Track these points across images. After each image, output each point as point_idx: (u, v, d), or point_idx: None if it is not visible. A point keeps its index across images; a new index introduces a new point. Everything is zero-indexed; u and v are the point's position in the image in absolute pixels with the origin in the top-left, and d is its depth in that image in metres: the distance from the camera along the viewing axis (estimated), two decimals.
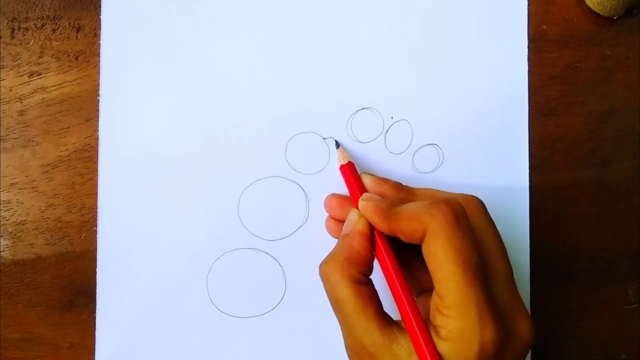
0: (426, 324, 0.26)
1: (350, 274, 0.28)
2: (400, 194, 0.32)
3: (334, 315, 0.28)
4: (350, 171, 0.33)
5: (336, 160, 0.35)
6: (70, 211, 0.35)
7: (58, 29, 0.36)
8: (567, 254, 0.37)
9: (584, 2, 0.37)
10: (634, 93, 0.37)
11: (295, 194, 0.36)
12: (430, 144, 0.36)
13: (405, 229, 0.27)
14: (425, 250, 0.26)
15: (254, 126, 0.36)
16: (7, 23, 0.36)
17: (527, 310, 0.28)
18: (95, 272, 0.35)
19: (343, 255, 0.29)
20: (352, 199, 0.32)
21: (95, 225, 0.35)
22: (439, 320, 0.26)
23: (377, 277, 0.29)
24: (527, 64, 0.37)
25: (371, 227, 0.30)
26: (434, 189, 0.32)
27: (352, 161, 0.34)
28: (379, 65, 0.36)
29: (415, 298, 0.31)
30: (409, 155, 0.36)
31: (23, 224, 0.35)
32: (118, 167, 0.35)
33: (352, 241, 0.29)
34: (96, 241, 0.35)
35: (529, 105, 0.36)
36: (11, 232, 0.35)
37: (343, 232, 0.31)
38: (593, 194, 0.37)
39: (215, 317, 0.35)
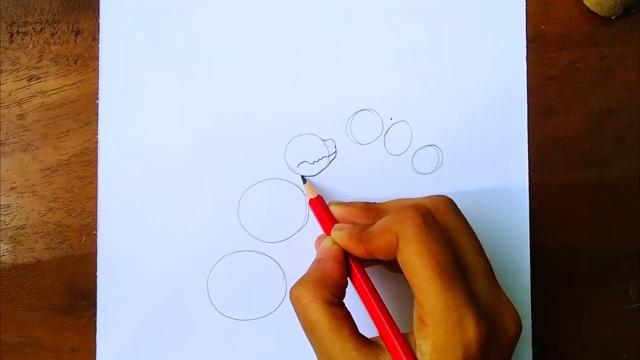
0: (406, 338, 0.26)
1: (323, 296, 0.27)
2: (370, 213, 0.31)
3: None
4: (319, 204, 0.33)
5: (335, 162, 0.35)
6: (70, 215, 0.35)
7: (57, 32, 0.36)
8: (567, 254, 0.37)
9: (582, 2, 0.37)
10: (633, 93, 0.37)
11: (295, 196, 0.36)
12: (430, 145, 0.36)
13: (380, 244, 0.27)
14: (400, 259, 0.26)
15: (253, 129, 0.36)
16: (6, 27, 0.36)
17: (510, 303, 0.28)
18: (96, 275, 0.35)
19: (315, 277, 0.28)
20: (324, 231, 0.32)
21: (95, 229, 0.35)
22: (422, 332, 0.25)
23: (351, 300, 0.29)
24: (525, 64, 0.37)
25: (345, 253, 0.30)
26: (401, 199, 0.32)
27: (321, 194, 0.33)
28: (378, 67, 0.36)
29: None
30: (409, 157, 0.36)
31: (23, 228, 0.35)
32: (118, 171, 0.35)
33: (325, 264, 0.29)
34: (96, 245, 0.35)
35: (527, 106, 0.36)
36: (11, 237, 0.35)
37: (316, 257, 0.30)
38: (592, 194, 0.37)
39: (216, 319, 0.35)
